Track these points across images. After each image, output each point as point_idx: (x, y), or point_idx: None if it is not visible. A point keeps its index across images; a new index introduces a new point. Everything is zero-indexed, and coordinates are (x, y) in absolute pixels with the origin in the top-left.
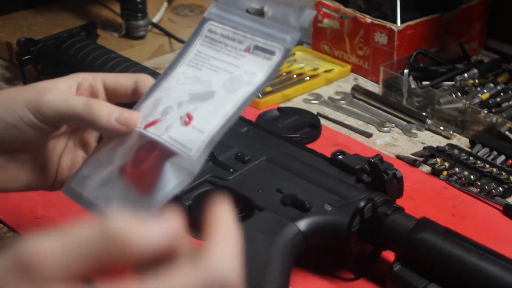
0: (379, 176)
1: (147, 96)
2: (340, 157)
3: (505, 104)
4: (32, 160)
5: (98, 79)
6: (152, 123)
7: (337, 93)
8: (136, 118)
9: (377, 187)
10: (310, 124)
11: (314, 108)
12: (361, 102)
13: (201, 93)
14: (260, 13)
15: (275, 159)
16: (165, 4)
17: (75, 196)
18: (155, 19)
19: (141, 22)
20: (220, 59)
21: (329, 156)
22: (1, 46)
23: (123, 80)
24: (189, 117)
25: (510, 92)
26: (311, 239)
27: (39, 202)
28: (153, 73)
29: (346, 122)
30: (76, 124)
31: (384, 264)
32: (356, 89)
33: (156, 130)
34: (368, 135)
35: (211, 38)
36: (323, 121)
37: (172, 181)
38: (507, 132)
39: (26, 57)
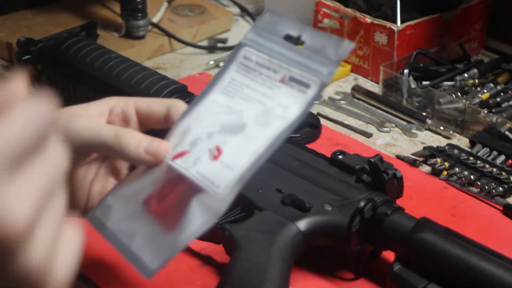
0: (379, 176)
1: (177, 124)
2: (340, 157)
3: (505, 104)
4: None
5: (130, 104)
6: (180, 155)
7: (337, 93)
8: (165, 148)
9: (377, 187)
10: (310, 124)
11: (314, 108)
12: (361, 102)
13: (232, 124)
14: (297, 41)
15: (275, 159)
16: (165, 4)
17: (99, 225)
18: (155, 19)
19: (141, 22)
20: (254, 88)
21: (329, 156)
22: (1, 46)
23: (155, 106)
24: (219, 151)
25: (510, 92)
26: (311, 239)
27: None
28: (154, 73)
29: (346, 122)
30: (104, 153)
31: (384, 264)
32: (356, 89)
33: (184, 163)
34: (368, 135)
35: (246, 65)
36: (323, 121)
37: (197, 220)
38: (507, 132)
39: (26, 57)
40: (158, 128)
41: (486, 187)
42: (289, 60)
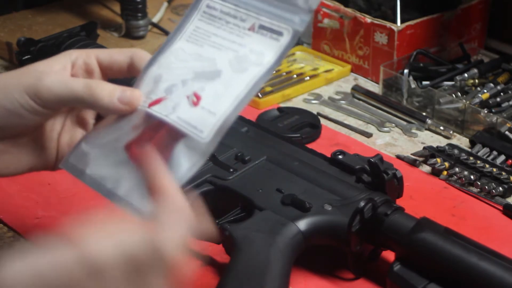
0: (379, 176)
1: (144, 72)
2: (340, 157)
3: (505, 104)
4: (32, 142)
5: (91, 56)
6: (157, 102)
7: (337, 93)
8: (139, 96)
9: (377, 187)
10: (310, 124)
11: (314, 108)
12: (361, 102)
13: (207, 71)
14: None
15: (275, 159)
16: (165, 4)
17: (77, 172)
18: (155, 19)
19: (141, 22)
20: (222, 36)
21: (329, 156)
22: (1, 46)
23: (117, 56)
24: (197, 97)
25: (510, 92)
26: (311, 239)
27: (39, 202)
28: None
29: (346, 122)
30: (77, 106)
31: (384, 264)
32: (356, 89)
33: (162, 110)
34: (368, 135)
35: (210, 14)
36: (323, 121)
37: (184, 163)
38: (507, 132)
39: (26, 57)
40: (121, 78)
41: (486, 187)
42: (256, 8)
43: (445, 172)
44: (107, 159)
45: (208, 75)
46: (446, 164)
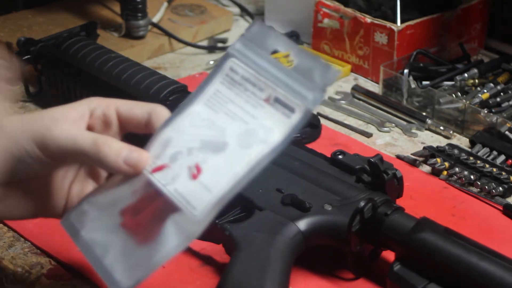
0: (379, 176)
1: (158, 133)
2: (340, 157)
3: (505, 104)
4: (40, 189)
5: (111, 107)
6: (160, 168)
7: (337, 93)
8: (145, 159)
9: (377, 187)
10: (310, 124)
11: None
12: (361, 102)
13: (213, 141)
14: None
15: (275, 159)
16: (165, 4)
17: (73, 231)
18: (155, 19)
19: (141, 22)
20: (238, 104)
21: (329, 156)
22: (1, 46)
23: (137, 110)
24: (198, 169)
25: (510, 92)
26: (311, 239)
27: None
28: (154, 73)
29: (346, 122)
30: (83, 162)
31: (384, 264)
32: (356, 89)
33: (163, 178)
34: (368, 135)
35: (231, 78)
36: (323, 121)
37: (171, 241)
38: (507, 132)
39: (26, 57)
40: (139, 133)
41: (486, 187)
42: (276, 79)
43: (445, 172)
44: (102, 222)
45: (214, 147)
46: (446, 164)
